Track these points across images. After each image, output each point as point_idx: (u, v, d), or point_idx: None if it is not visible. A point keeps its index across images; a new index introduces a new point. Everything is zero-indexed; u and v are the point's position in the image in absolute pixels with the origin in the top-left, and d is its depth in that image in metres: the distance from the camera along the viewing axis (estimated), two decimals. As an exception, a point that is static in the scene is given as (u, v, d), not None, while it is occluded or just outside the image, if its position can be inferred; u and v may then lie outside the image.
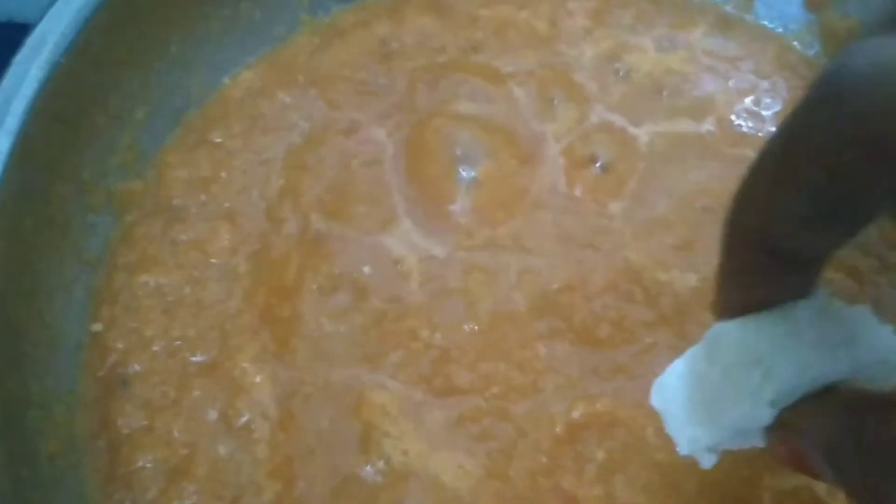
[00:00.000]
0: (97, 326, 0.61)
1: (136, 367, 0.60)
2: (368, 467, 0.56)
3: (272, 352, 0.60)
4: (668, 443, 0.56)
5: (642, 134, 0.70)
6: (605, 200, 0.66)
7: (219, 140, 0.69)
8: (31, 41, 0.57)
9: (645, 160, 0.68)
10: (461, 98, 0.71)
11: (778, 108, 0.71)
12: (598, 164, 0.68)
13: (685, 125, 0.70)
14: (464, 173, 0.67)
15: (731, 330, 0.46)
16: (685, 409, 0.50)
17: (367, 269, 0.63)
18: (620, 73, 0.73)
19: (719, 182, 0.67)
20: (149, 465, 0.57)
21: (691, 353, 0.50)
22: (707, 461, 0.53)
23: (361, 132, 0.70)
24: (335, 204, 0.66)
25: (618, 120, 0.70)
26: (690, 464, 0.55)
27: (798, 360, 0.42)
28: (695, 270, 0.63)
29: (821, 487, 0.55)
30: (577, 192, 0.66)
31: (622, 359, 0.60)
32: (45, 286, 0.58)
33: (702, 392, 0.49)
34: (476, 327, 0.60)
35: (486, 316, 0.61)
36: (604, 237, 0.64)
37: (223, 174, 0.67)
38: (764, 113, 0.71)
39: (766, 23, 0.75)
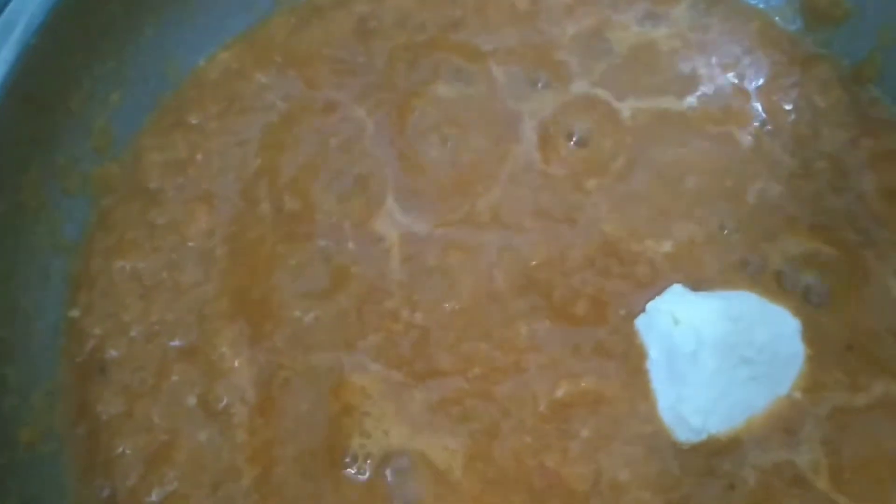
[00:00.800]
0: (74, 312, 0.60)
1: (114, 353, 0.59)
2: (349, 451, 0.55)
3: (249, 336, 0.60)
4: (651, 420, 0.57)
5: (624, 109, 0.69)
6: (582, 175, 0.66)
7: (195, 122, 0.68)
8: (1, 21, 0.55)
9: (625, 135, 0.68)
10: (440, 77, 0.70)
11: (761, 82, 0.70)
12: (574, 140, 0.67)
13: (667, 101, 0.70)
14: (443, 151, 0.67)
15: None
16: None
17: (345, 249, 0.63)
18: (602, 50, 0.72)
19: (699, 155, 0.67)
20: (128, 451, 0.57)
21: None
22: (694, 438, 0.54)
23: (340, 111, 0.69)
24: (312, 183, 0.65)
25: (599, 95, 0.70)
26: (673, 441, 0.56)
27: None
28: (669, 237, 0.63)
29: (803, 463, 0.56)
30: (555, 167, 0.66)
31: (601, 336, 0.59)
32: (20, 272, 0.57)
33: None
34: (457, 306, 0.60)
35: (467, 295, 0.61)
36: (580, 212, 0.64)
37: (199, 156, 0.66)
38: (747, 88, 0.70)
39: (747, -2, 0.74)
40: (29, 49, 0.56)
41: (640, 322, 0.59)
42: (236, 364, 0.59)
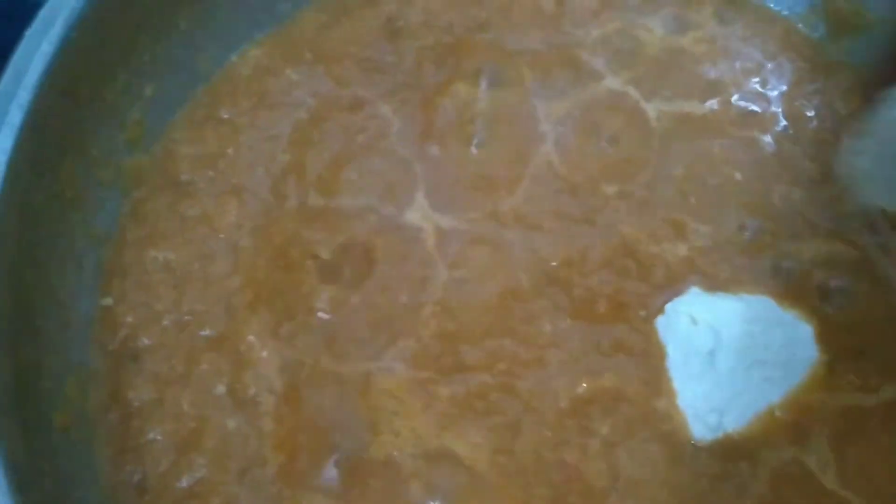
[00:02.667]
0: (107, 300, 0.62)
1: (146, 341, 0.61)
2: (374, 442, 0.57)
3: (275, 328, 0.61)
4: (669, 418, 0.58)
5: (650, 110, 0.70)
6: (603, 177, 0.67)
7: (226, 116, 0.69)
8: (42, 15, 0.56)
9: (649, 137, 0.68)
10: (466, 77, 0.71)
11: (783, 88, 0.71)
12: (597, 141, 0.68)
13: (690, 105, 0.70)
14: (467, 150, 0.68)
15: None
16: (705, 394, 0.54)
17: (370, 245, 0.64)
18: (627, 53, 0.73)
19: (720, 158, 0.68)
20: (159, 437, 0.58)
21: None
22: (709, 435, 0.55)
23: (366, 108, 0.70)
24: (339, 180, 0.66)
25: (626, 97, 0.70)
26: (690, 439, 0.57)
27: None
28: (687, 239, 0.64)
29: (812, 462, 0.57)
30: (576, 168, 0.67)
31: (621, 335, 0.61)
32: (56, 261, 0.59)
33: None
34: (482, 303, 0.61)
35: (491, 292, 0.62)
36: (600, 213, 0.65)
37: (230, 150, 0.67)
38: (769, 94, 0.71)
39: (771, 5, 0.75)
40: (68, 42, 0.57)
41: (660, 322, 0.60)
42: (263, 355, 0.60)
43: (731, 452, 0.57)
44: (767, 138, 0.69)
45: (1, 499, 0.46)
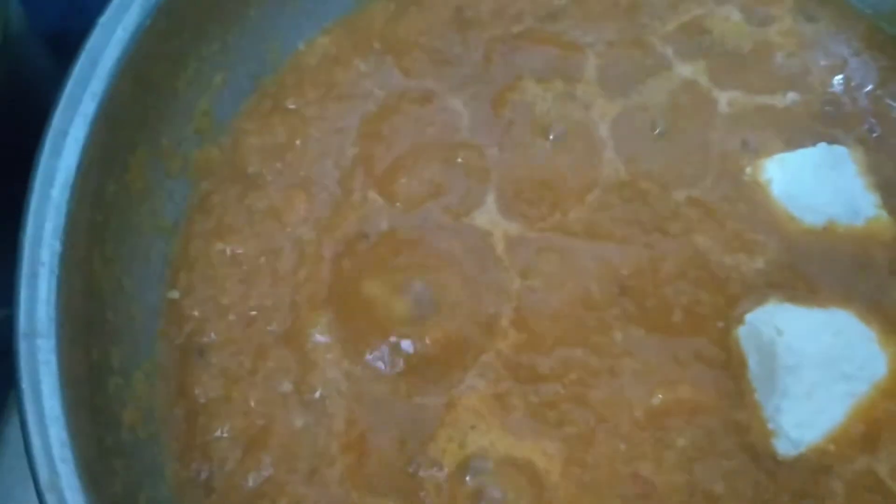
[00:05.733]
0: (174, 294, 0.61)
1: (213, 336, 0.60)
2: (447, 450, 0.55)
3: (342, 330, 0.60)
4: (749, 432, 0.56)
5: (722, 101, 0.68)
6: (673, 181, 0.65)
7: (293, 107, 0.67)
8: (115, 3, 0.55)
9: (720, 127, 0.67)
10: (536, 71, 0.69)
11: (869, 86, 0.68)
12: (657, 133, 0.67)
13: (770, 98, 0.68)
14: (537, 149, 0.66)
15: None
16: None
17: (441, 246, 0.62)
18: (705, 45, 0.71)
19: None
20: (226, 434, 0.57)
21: None
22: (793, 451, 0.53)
23: (436, 101, 0.68)
24: (409, 175, 0.65)
25: (697, 92, 0.68)
26: (771, 454, 0.55)
27: None
28: (762, 249, 0.62)
29: (882, 470, 0.55)
30: (643, 173, 0.65)
31: (699, 346, 0.59)
32: (124, 253, 0.58)
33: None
34: (554, 312, 0.59)
35: (562, 301, 0.60)
36: (672, 221, 0.63)
37: (298, 142, 0.66)
38: (853, 90, 0.68)
39: (854, 3, 0.72)
40: (143, 30, 0.56)
41: (742, 333, 0.58)
42: (329, 356, 0.59)
43: (810, 466, 0.56)
44: (851, 137, 0.66)
45: (75, 497, 0.46)
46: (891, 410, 0.56)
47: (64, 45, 0.56)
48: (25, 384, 0.47)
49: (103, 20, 0.55)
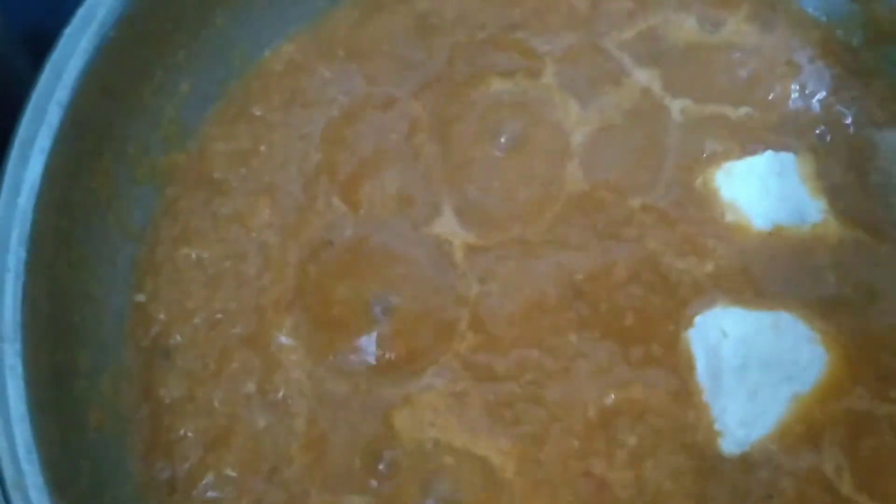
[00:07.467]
0: (140, 297, 0.62)
1: (178, 338, 0.61)
2: (405, 447, 0.57)
3: (306, 332, 0.61)
4: (696, 431, 0.58)
5: (675, 111, 0.69)
6: (627, 187, 0.66)
7: (259, 113, 0.69)
8: (81, 13, 0.56)
9: (673, 135, 0.68)
10: (498, 75, 0.71)
11: (822, 94, 0.70)
12: (625, 149, 0.68)
13: (722, 106, 0.70)
14: (496, 151, 0.67)
15: None
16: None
17: (402, 252, 0.64)
18: (661, 54, 0.72)
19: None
20: (190, 434, 0.59)
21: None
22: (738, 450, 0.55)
23: (398, 106, 0.69)
24: (371, 181, 0.66)
25: (652, 100, 0.70)
26: (718, 452, 0.57)
27: None
28: (712, 254, 0.63)
29: (828, 468, 0.57)
30: (601, 180, 0.66)
31: (650, 348, 0.61)
32: (90, 258, 0.59)
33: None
34: (510, 315, 0.61)
35: (520, 305, 0.62)
36: (626, 227, 0.65)
37: (263, 148, 0.67)
38: (807, 98, 0.70)
39: (809, 10, 0.74)
40: (107, 41, 0.57)
41: (690, 335, 0.60)
42: (293, 357, 0.60)
43: (754, 464, 0.58)
44: (803, 144, 0.68)
45: (40, 498, 0.47)
46: (833, 410, 0.59)
47: (40, 47, 0.57)
48: (-9, 387, 0.48)
49: (68, 31, 0.56)
